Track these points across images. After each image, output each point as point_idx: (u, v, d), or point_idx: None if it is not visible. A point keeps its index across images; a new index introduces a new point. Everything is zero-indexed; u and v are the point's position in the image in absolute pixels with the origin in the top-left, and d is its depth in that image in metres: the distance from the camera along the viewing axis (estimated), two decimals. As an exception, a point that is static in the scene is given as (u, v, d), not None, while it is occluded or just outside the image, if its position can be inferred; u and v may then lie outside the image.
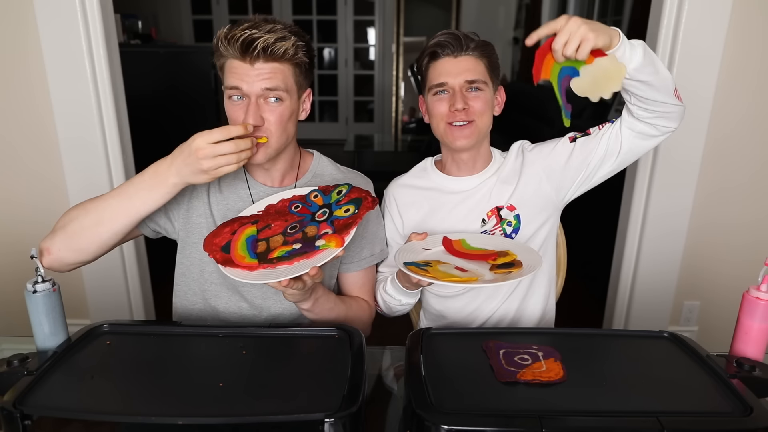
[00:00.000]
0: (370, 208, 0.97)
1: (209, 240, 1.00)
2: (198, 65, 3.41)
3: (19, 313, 1.04)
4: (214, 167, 0.93)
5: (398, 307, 1.24)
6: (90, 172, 1.97)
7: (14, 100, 1.91)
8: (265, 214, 1.04)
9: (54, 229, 1.02)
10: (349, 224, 0.94)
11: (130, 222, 1.00)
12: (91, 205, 1.01)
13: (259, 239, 0.98)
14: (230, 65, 1.03)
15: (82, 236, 1.00)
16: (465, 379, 0.82)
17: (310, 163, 1.22)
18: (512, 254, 1.06)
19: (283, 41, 1.00)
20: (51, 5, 1.80)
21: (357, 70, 6.83)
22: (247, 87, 1.01)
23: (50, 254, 1.00)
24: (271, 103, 1.03)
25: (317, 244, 0.93)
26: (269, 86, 1.01)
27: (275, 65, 1.01)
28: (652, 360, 0.89)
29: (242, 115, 1.03)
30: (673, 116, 1.05)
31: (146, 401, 0.76)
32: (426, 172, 1.30)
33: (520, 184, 1.21)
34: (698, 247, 2.05)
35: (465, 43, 1.14)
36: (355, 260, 1.20)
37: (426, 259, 1.06)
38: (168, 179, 0.96)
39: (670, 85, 1.00)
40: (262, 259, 0.93)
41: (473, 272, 1.02)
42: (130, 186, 1.00)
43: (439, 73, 1.16)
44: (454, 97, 1.14)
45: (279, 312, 1.16)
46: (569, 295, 1.46)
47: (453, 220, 1.24)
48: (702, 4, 1.77)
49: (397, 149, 5.25)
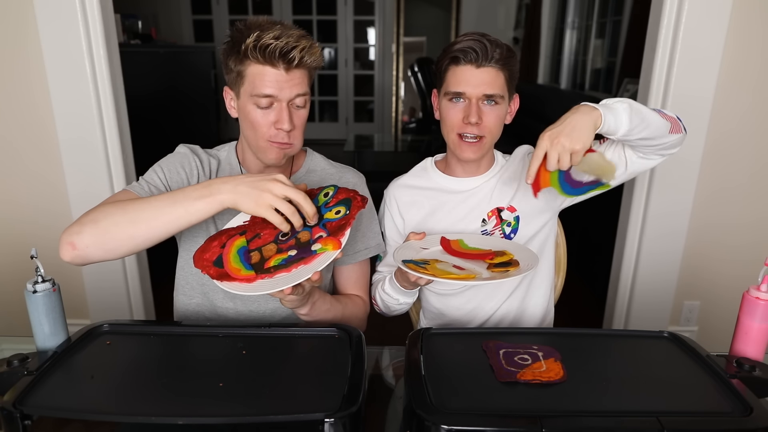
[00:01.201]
0: (361, 207, 0.95)
1: (198, 256, 0.96)
2: (198, 65, 3.41)
3: (19, 313, 1.04)
4: (268, 205, 0.89)
5: (396, 307, 1.24)
6: (90, 172, 1.97)
7: (14, 100, 1.91)
8: (251, 223, 1.01)
9: (81, 222, 0.93)
10: (342, 225, 0.93)
11: (167, 229, 0.93)
12: (130, 205, 0.94)
13: (251, 249, 0.96)
14: (260, 72, 1.01)
15: (116, 235, 0.92)
16: (465, 379, 0.82)
17: (303, 160, 1.23)
18: (509, 254, 1.07)
19: (313, 48, 1.04)
20: (51, 5, 1.80)
21: (357, 70, 6.84)
22: (282, 94, 1.02)
23: (75, 249, 0.92)
24: (298, 108, 1.06)
25: (313, 249, 0.91)
26: (301, 92, 1.04)
27: (304, 72, 1.05)
28: (652, 360, 0.89)
29: (272, 120, 1.04)
30: (675, 146, 1.07)
31: (146, 401, 0.76)
32: (426, 172, 1.31)
33: (521, 187, 1.22)
34: (698, 247, 2.05)
35: (490, 53, 1.11)
36: (349, 253, 1.20)
37: (424, 258, 1.08)
38: (220, 194, 0.90)
39: (664, 128, 1.01)
40: (258, 270, 0.91)
41: (471, 270, 1.03)
42: (179, 192, 0.93)
43: (458, 81, 1.14)
44: (469, 108, 1.13)
45: (275, 308, 1.17)
46: (569, 295, 1.46)
47: (453, 219, 1.24)
48: (702, 4, 1.77)
49: (397, 149, 5.24)
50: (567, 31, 5.32)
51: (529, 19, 5.63)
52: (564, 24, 5.38)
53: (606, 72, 4.48)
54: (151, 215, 0.92)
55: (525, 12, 5.82)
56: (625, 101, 0.98)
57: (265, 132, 1.06)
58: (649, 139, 1.02)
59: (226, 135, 5.96)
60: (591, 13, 4.79)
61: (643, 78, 1.98)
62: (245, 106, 1.06)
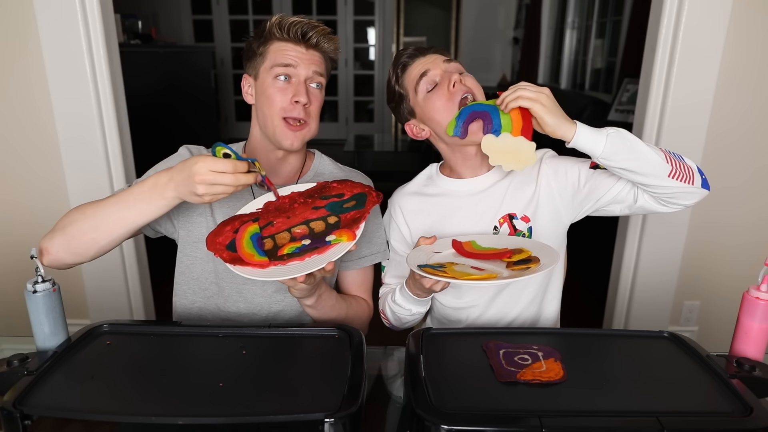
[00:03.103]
0: (376, 202, 0.98)
1: (212, 239, 0.98)
2: (198, 65, 3.41)
3: (19, 313, 1.04)
4: (209, 194, 0.91)
5: (409, 318, 1.18)
6: (90, 172, 1.97)
7: (14, 100, 1.92)
8: (264, 211, 1.04)
9: (54, 229, 1.02)
10: (357, 218, 0.94)
11: (127, 231, 1.00)
12: (91, 210, 1.00)
13: (264, 237, 0.97)
14: (281, 47, 1.09)
15: (81, 240, 1.00)
16: (465, 379, 0.82)
17: (312, 162, 1.23)
18: (527, 251, 1.02)
19: (333, 35, 1.13)
20: (51, 5, 1.80)
21: (357, 70, 6.84)
22: (300, 68, 1.08)
23: (49, 254, 1.01)
24: (314, 89, 1.11)
25: (328, 239, 0.93)
26: (319, 70, 1.11)
27: (322, 56, 1.12)
28: (652, 360, 0.89)
29: (289, 95, 1.08)
30: (683, 196, 1.01)
31: (146, 401, 0.76)
32: (432, 179, 1.25)
33: (535, 195, 1.15)
34: (698, 247, 2.05)
35: (425, 48, 1.17)
36: (354, 258, 1.20)
37: (438, 261, 1.02)
38: (166, 193, 0.95)
39: (659, 169, 0.97)
40: (272, 257, 0.93)
41: (491, 270, 0.97)
42: (130, 195, 0.98)
43: (416, 71, 1.14)
44: (444, 79, 1.11)
45: (280, 309, 1.16)
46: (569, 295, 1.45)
47: (463, 225, 1.18)
48: (702, 4, 1.77)
49: (397, 149, 5.25)
50: (567, 31, 5.32)
51: (529, 19, 5.63)
52: (564, 24, 5.38)
53: (606, 72, 4.48)
54: (109, 221, 0.99)
55: (525, 12, 5.82)
56: (621, 130, 0.97)
57: (280, 107, 1.08)
58: (638, 174, 0.98)
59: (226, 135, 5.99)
60: (591, 13, 4.79)
61: (643, 78, 1.98)
62: (264, 81, 1.10)
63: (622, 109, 3.26)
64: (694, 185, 1.00)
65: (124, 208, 0.98)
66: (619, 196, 1.08)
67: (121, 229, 0.99)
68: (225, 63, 6.46)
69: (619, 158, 0.96)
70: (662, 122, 1.91)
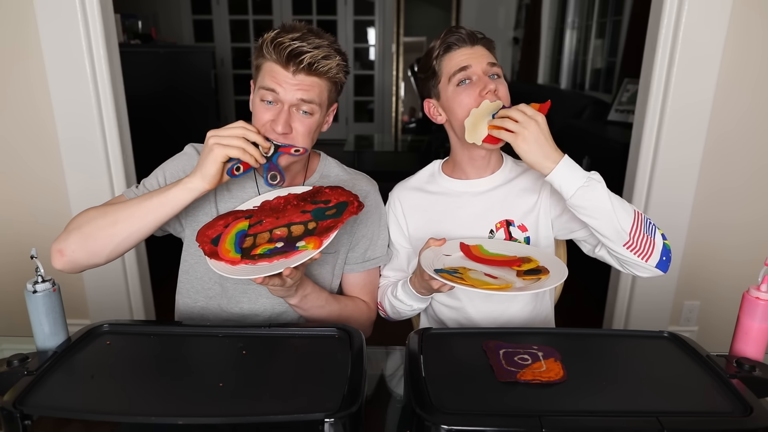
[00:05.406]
0: (353, 213, 0.96)
1: (202, 231, 1.01)
2: (198, 65, 3.41)
3: (19, 313, 1.04)
4: (220, 144, 0.95)
5: (409, 312, 1.20)
6: (90, 172, 1.97)
7: (14, 100, 1.91)
8: (259, 209, 1.05)
9: (67, 230, 1.02)
10: (330, 227, 0.94)
11: (144, 223, 0.99)
12: (111, 208, 1.02)
13: (248, 234, 0.99)
14: (270, 68, 1.03)
15: (97, 237, 1.00)
16: (465, 379, 0.82)
17: (317, 164, 1.22)
18: (535, 260, 1.05)
19: (328, 59, 1.03)
20: (51, 5, 1.80)
21: (357, 70, 6.83)
22: (284, 94, 1.02)
23: (63, 256, 1.00)
24: (301, 115, 1.04)
25: (297, 245, 0.94)
26: (305, 98, 1.02)
27: (315, 80, 1.03)
28: (652, 360, 0.89)
29: (270, 118, 1.03)
30: (636, 268, 1.04)
31: (146, 401, 0.76)
32: (434, 177, 1.26)
33: (536, 206, 1.17)
34: (698, 247, 2.05)
35: (476, 36, 1.14)
36: (359, 261, 1.20)
37: (451, 265, 1.04)
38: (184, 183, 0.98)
39: (617, 237, 0.99)
40: (245, 255, 0.94)
41: (504, 279, 0.99)
42: (150, 193, 1.01)
43: (459, 61, 1.12)
44: (480, 81, 1.10)
45: (282, 311, 1.16)
46: (569, 296, 1.46)
47: (458, 226, 1.19)
48: (702, 4, 1.77)
49: (397, 149, 5.25)
50: (567, 31, 5.32)
51: (529, 19, 5.63)
52: (564, 24, 5.38)
53: (606, 72, 4.48)
54: (129, 213, 1.00)
55: (525, 12, 5.82)
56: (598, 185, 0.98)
57: (261, 125, 1.05)
58: (596, 231, 1.01)
59: (226, 135, 5.96)
60: (591, 13, 4.79)
61: (643, 78, 1.98)
62: (255, 98, 1.08)
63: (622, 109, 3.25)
64: (647, 262, 1.02)
65: (146, 199, 1.00)
66: (586, 238, 1.14)
67: (139, 222, 0.99)
68: (225, 63, 6.46)
69: (583, 212, 1.00)
70: (662, 122, 1.91)
